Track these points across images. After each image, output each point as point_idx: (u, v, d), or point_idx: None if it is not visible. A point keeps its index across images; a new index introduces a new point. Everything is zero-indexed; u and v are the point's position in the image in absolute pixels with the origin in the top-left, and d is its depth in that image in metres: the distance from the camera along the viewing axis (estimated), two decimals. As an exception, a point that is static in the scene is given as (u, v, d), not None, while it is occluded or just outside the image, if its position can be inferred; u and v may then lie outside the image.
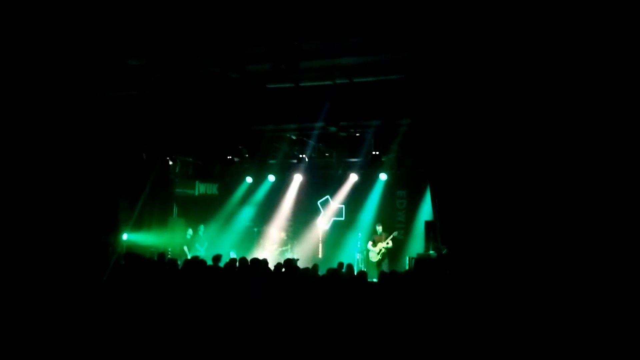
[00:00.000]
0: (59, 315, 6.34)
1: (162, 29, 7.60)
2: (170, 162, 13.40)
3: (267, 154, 13.74)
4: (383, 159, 12.41)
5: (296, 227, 15.11)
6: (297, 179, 14.68)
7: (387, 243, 12.86)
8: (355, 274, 8.16)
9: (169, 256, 11.92)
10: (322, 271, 8.19)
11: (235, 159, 13.49)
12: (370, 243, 13.18)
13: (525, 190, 8.28)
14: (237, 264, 7.88)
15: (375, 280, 9.36)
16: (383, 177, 13.57)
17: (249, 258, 8.18)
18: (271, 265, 8.11)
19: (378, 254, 12.92)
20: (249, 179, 15.09)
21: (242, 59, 8.36)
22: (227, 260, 8.94)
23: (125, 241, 11.63)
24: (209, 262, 8.54)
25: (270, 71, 7.90)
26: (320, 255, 14.27)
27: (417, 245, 12.90)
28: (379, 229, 13.20)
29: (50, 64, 8.65)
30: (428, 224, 11.90)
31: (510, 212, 8.41)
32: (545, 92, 7.90)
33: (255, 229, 15.19)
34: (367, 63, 8.25)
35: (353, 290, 6.52)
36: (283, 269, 7.84)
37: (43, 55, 8.40)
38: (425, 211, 13.01)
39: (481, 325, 5.65)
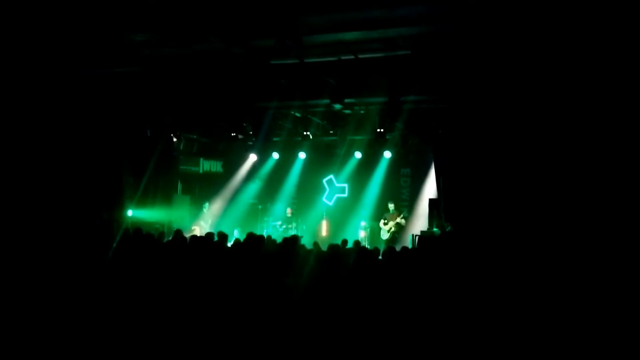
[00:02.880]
0: (64, 292, 6.39)
1: (166, 3, 7.52)
2: (175, 139, 13.41)
3: (272, 132, 13.71)
4: (388, 137, 12.38)
5: (300, 205, 15.16)
6: (302, 156, 14.66)
7: (399, 220, 12.87)
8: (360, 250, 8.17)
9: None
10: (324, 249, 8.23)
11: (240, 136, 13.48)
12: (382, 221, 13.22)
13: (529, 170, 8.27)
14: (242, 240, 7.92)
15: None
16: (387, 154, 13.54)
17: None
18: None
19: (388, 232, 12.97)
20: (253, 156, 15.08)
21: (246, 35, 8.26)
22: (232, 237, 8.99)
23: (129, 217, 11.69)
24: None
25: (275, 47, 7.81)
26: (324, 233, 14.33)
27: (421, 222, 12.93)
28: (391, 207, 13.21)
29: (55, 40, 8.59)
30: (432, 202, 11.91)
31: (513, 190, 8.42)
32: (550, 75, 7.83)
33: (259, 207, 15.24)
34: (373, 38, 8.14)
35: (355, 266, 6.55)
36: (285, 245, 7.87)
37: (47, 31, 8.33)
38: (429, 189, 13.02)
39: (484, 303, 5.68)
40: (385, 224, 13.10)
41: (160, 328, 5.75)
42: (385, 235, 13.02)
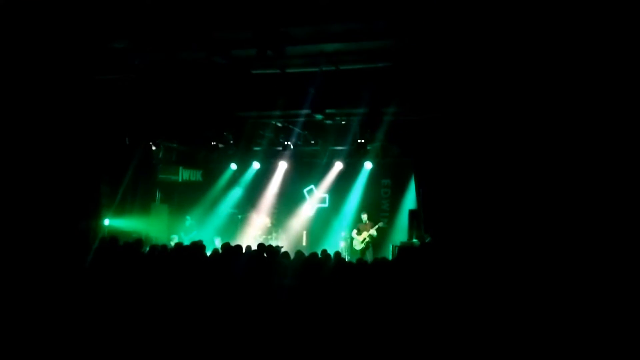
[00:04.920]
0: (41, 302, 6.27)
1: (147, 11, 7.47)
2: (154, 148, 13.25)
3: (252, 141, 13.66)
4: (368, 148, 12.45)
5: (281, 215, 15.10)
6: (282, 166, 14.64)
7: (372, 232, 12.94)
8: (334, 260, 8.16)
9: (153, 242, 11.83)
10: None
11: (220, 145, 13.41)
12: (355, 231, 13.27)
13: (508, 180, 8.36)
14: (220, 250, 7.87)
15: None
16: (368, 165, 13.60)
17: (232, 245, 8.16)
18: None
19: (362, 242, 13.01)
20: (233, 166, 15.00)
21: (228, 44, 8.26)
22: (211, 247, 8.90)
23: (107, 226, 11.51)
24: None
25: (256, 57, 7.81)
26: (304, 243, 14.29)
27: (400, 233, 12.98)
28: (364, 217, 13.28)
29: (33, 46, 8.47)
30: (412, 213, 11.98)
31: (493, 201, 8.50)
32: (531, 87, 7.95)
33: (240, 216, 15.14)
34: (354, 50, 8.21)
35: (336, 276, 6.54)
36: (265, 254, 7.84)
37: (26, 38, 8.22)
38: (410, 200, 13.09)
39: (464, 313, 5.71)
40: (358, 234, 13.13)
41: (138, 336, 5.67)
42: (358, 246, 13.05)
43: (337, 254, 8.98)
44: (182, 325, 5.82)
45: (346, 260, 10.21)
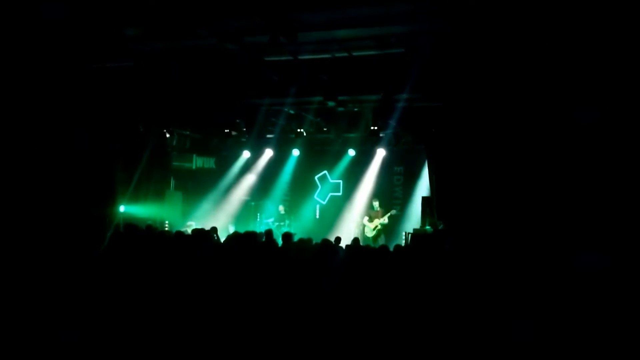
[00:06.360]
0: (56, 286, 6.37)
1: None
2: (167, 135, 13.34)
3: (265, 128, 13.68)
4: (381, 135, 12.39)
5: (293, 202, 15.13)
6: (295, 153, 14.65)
7: (384, 219, 12.93)
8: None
9: (166, 228, 11.96)
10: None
11: (233, 133, 13.43)
12: (366, 218, 13.26)
13: (522, 168, 8.30)
14: (234, 237, 7.92)
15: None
16: (381, 152, 13.56)
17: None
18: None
19: (373, 229, 13.01)
20: (246, 153, 15.05)
21: (240, 31, 8.24)
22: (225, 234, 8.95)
23: (122, 213, 11.64)
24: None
25: (269, 43, 7.79)
26: (317, 230, 14.31)
27: (413, 220, 12.97)
28: (376, 204, 13.27)
29: (46, 33, 8.52)
30: (425, 200, 11.95)
31: (506, 189, 8.45)
32: (546, 74, 7.85)
33: (253, 204, 15.21)
34: (366, 36, 8.14)
35: (349, 261, 6.56)
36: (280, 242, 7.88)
37: (38, 24, 8.27)
38: (422, 187, 13.05)
39: (475, 299, 5.71)
40: (370, 221, 13.13)
41: (150, 323, 5.74)
42: (370, 233, 13.05)
43: (356, 240, 9.00)
44: (195, 312, 5.89)
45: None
